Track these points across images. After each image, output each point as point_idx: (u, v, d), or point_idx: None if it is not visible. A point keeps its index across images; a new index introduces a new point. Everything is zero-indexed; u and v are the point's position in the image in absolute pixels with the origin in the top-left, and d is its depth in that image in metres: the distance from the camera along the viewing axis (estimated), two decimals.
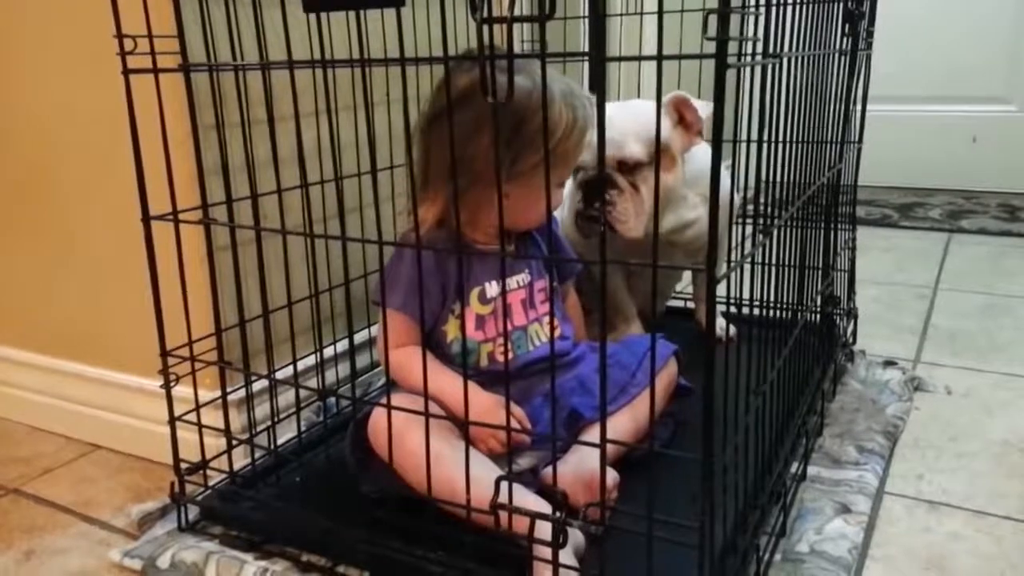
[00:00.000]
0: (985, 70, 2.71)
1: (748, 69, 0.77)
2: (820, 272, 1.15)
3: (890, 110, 2.65)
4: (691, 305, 1.54)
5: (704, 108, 1.16)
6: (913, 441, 1.14)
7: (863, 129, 1.38)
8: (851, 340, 1.41)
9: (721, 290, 1.50)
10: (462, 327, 0.97)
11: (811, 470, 1.04)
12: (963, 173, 2.74)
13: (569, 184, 1.19)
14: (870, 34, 1.34)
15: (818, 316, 1.16)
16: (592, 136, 1.12)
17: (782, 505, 0.91)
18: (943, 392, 1.29)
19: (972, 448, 1.12)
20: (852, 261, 1.41)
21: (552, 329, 0.89)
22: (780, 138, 0.84)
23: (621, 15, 1.66)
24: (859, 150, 1.40)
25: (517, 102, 0.83)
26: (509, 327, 1.00)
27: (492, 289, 0.99)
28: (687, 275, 1.58)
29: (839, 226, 1.29)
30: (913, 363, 1.41)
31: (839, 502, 0.97)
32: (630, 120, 1.14)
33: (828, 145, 1.11)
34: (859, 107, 1.32)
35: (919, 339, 1.52)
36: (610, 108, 1.21)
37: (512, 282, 1.01)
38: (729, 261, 0.74)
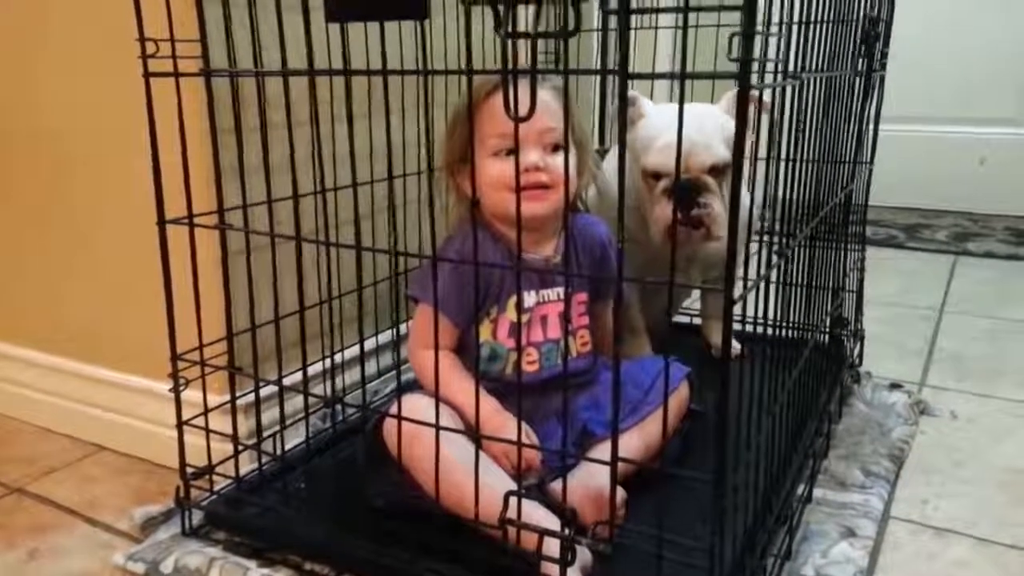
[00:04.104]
0: (995, 92, 2.72)
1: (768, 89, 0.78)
2: (830, 292, 1.15)
3: (898, 130, 2.65)
4: (697, 321, 1.54)
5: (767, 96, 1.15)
6: (918, 465, 1.14)
7: (875, 149, 1.38)
8: (857, 361, 1.41)
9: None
10: (494, 332, 0.98)
11: (816, 492, 1.04)
12: (970, 195, 2.74)
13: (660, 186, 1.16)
14: (884, 55, 1.35)
15: (827, 337, 1.16)
16: (662, 140, 1.12)
17: (788, 527, 0.91)
18: (948, 417, 1.29)
19: (978, 474, 1.12)
20: (860, 282, 1.41)
21: (567, 345, 0.89)
22: (797, 157, 0.85)
23: (635, 29, 1.66)
24: (870, 171, 1.40)
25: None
26: (540, 338, 1.01)
27: (530, 298, 1.00)
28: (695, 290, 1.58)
29: (849, 246, 1.29)
30: (918, 386, 1.41)
31: (845, 526, 0.97)
32: (708, 123, 1.12)
33: (842, 165, 1.12)
34: (871, 128, 1.33)
35: (924, 362, 1.52)
36: (671, 110, 1.18)
37: (552, 293, 1.02)
38: (745, 279, 0.74)
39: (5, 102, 1.21)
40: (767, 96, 1.12)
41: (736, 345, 1.46)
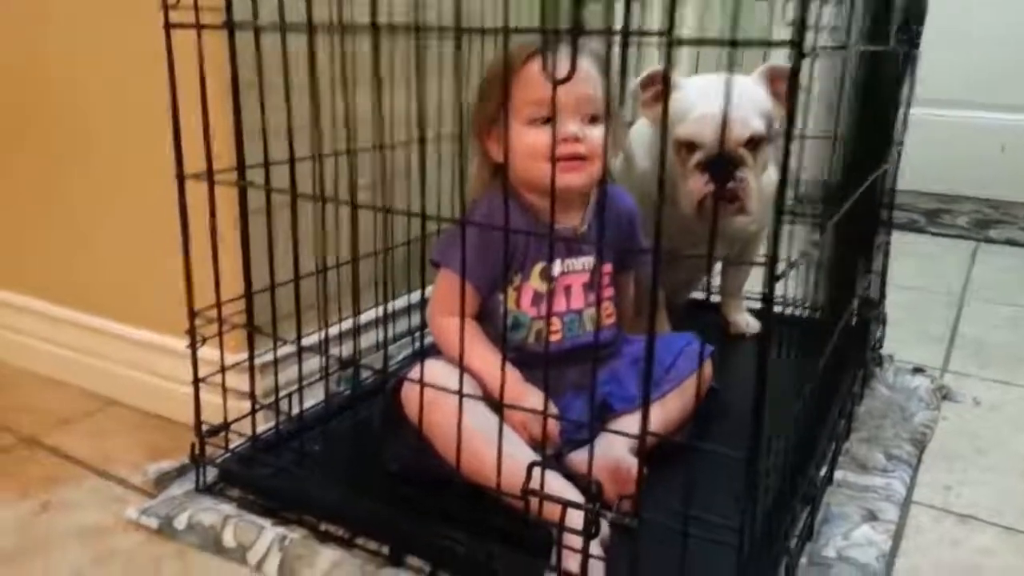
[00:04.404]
0: (1018, 78, 2.66)
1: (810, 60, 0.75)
2: (859, 274, 1.13)
3: (919, 114, 2.60)
4: (714, 298, 1.51)
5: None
6: (940, 451, 1.13)
7: (905, 131, 1.35)
8: (879, 344, 1.39)
9: (752, 285, 1.48)
10: (518, 300, 0.96)
11: (837, 474, 1.02)
12: (991, 182, 2.69)
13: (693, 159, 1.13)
14: (919, 34, 1.31)
15: (854, 318, 1.14)
16: (698, 111, 1.10)
17: (811, 508, 0.90)
18: (971, 403, 1.27)
19: (1001, 462, 1.10)
20: (885, 265, 1.38)
21: (600, 316, 0.87)
22: (837, 134, 0.82)
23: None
24: (899, 152, 1.37)
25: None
26: (563, 308, 0.99)
27: (555, 267, 0.98)
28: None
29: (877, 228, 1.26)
30: (940, 371, 1.39)
31: (866, 508, 0.96)
32: (744, 94, 1.09)
33: (879, 144, 1.09)
34: (904, 108, 1.30)
35: (946, 348, 1.50)
36: (704, 82, 1.14)
37: (577, 263, 1.00)
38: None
39: (21, 55, 1.19)
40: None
41: (755, 323, 1.45)
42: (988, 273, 1.98)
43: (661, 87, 1.14)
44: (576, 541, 0.75)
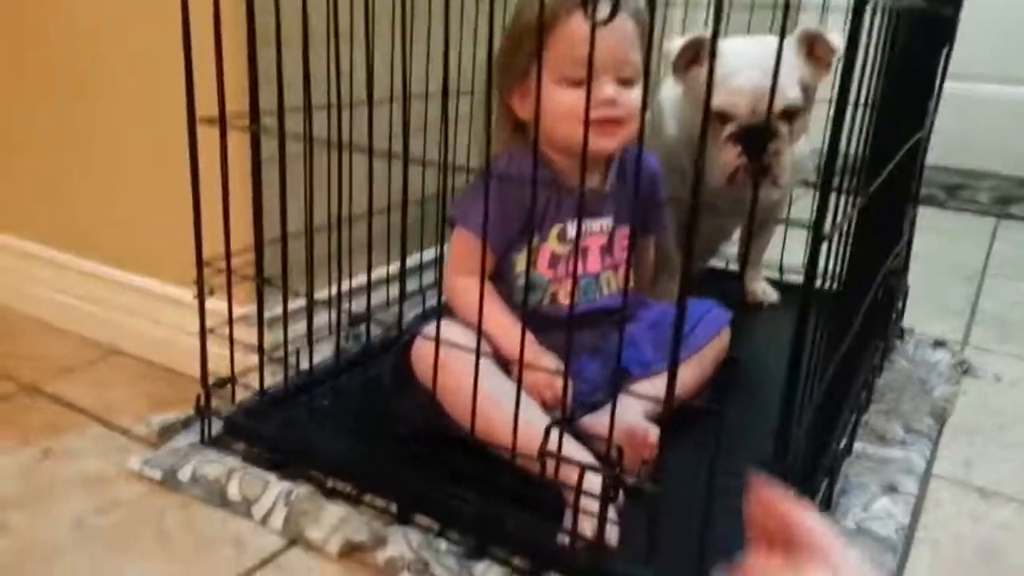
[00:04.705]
0: None
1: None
2: (889, 246, 1.09)
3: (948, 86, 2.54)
4: (733, 267, 1.48)
5: (838, 40, 1.04)
6: (961, 426, 1.10)
7: (939, 100, 1.30)
8: (900, 317, 1.36)
9: (772, 255, 1.44)
10: (534, 262, 0.94)
11: (856, 445, 1.00)
12: (1017, 158, 2.64)
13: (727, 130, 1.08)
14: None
15: (882, 290, 1.11)
16: (734, 81, 1.03)
17: (830, 478, 0.88)
18: (992, 379, 1.25)
19: (1023, 439, 1.08)
20: (910, 238, 1.35)
21: (627, 277, 0.84)
22: (877, 98, 0.78)
23: None
24: (932, 122, 1.33)
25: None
26: (581, 272, 0.96)
27: (572, 229, 0.95)
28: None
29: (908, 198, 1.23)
30: (961, 346, 1.36)
31: (886, 480, 0.94)
32: (781, 62, 1.04)
33: (917, 111, 1.05)
34: (939, 77, 1.25)
35: (966, 323, 1.47)
36: (739, 47, 1.06)
37: (595, 225, 0.97)
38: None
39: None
40: (838, 43, 1.04)
41: (772, 292, 1.42)
42: (1009, 249, 1.94)
43: (696, 53, 1.09)
44: (590, 504, 0.73)
